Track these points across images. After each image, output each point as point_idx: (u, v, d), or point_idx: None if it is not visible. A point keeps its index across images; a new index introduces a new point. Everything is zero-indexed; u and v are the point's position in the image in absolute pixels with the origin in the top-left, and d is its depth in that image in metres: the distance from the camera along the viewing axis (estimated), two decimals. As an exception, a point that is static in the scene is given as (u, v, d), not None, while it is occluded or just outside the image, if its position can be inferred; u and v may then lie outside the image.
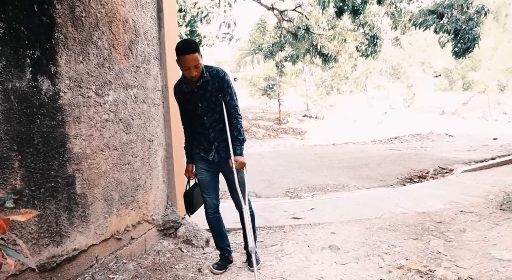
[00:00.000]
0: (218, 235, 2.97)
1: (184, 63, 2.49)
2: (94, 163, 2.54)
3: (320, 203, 4.98)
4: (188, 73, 2.52)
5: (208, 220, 2.93)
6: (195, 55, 2.47)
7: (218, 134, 2.74)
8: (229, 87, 2.68)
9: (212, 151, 2.76)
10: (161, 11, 3.31)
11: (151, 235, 3.19)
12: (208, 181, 2.85)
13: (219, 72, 2.66)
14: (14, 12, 1.96)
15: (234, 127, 2.69)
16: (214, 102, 2.67)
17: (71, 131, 2.35)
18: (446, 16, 8.70)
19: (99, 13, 2.59)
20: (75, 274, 2.36)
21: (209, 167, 2.83)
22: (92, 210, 2.51)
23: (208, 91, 2.64)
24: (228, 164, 2.73)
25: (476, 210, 4.33)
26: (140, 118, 3.04)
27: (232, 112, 2.69)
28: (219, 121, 2.72)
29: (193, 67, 2.49)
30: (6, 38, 1.92)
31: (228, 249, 3.00)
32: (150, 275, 2.63)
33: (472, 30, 8.51)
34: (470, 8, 8.59)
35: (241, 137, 2.72)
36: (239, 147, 2.70)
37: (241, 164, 2.69)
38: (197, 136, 2.79)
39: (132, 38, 2.96)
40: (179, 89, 2.72)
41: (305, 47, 13.92)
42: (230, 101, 2.69)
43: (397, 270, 2.94)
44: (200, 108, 2.66)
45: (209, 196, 2.87)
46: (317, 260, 3.13)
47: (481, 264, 2.99)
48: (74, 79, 2.38)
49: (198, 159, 2.85)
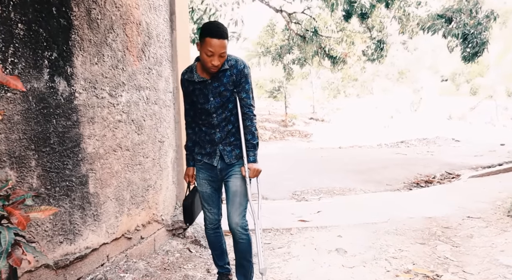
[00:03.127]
0: (218, 252, 2.63)
1: (209, 47, 2.10)
2: (107, 163, 2.58)
3: (326, 206, 5.00)
4: (209, 60, 2.13)
5: (207, 235, 2.60)
6: (224, 42, 2.12)
7: (225, 135, 2.37)
8: (247, 82, 2.32)
9: (216, 155, 2.38)
10: (173, 14, 3.36)
11: (160, 235, 3.22)
12: (210, 194, 2.48)
13: (238, 63, 2.27)
14: (34, 14, 2.01)
15: (248, 130, 2.34)
16: (228, 98, 2.31)
17: (86, 131, 2.39)
18: (454, 20, 8.69)
19: (114, 16, 2.64)
20: (87, 272, 2.40)
21: (212, 177, 2.45)
22: (104, 209, 2.55)
23: (223, 84, 2.28)
24: (232, 169, 2.40)
25: (483, 216, 4.32)
26: (151, 119, 3.08)
27: (246, 112, 2.34)
28: (228, 121, 2.36)
29: (218, 55, 2.12)
30: (25, 40, 1.96)
31: (228, 268, 2.67)
32: (160, 275, 2.66)
33: (481, 35, 8.50)
34: (479, 13, 8.58)
35: (255, 141, 2.37)
36: (252, 153, 2.35)
37: (256, 171, 2.35)
38: (201, 136, 2.43)
39: (145, 40, 3.01)
40: (189, 77, 2.34)
41: (313, 50, 13.95)
42: (245, 99, 2.33)
43: (404, 275, 2.95)
44: (211, 103, 2.30)
45: (209, 211, 2.51)
46: (324, 263, 3.15)
47: (489, 270, 2.99)
48: (89, 80, 2.42)
49: (199, 167, 2.48)
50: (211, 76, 2.26)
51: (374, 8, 10.39)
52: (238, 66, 2.26)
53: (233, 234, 2.38)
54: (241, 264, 2.45)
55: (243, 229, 2.35)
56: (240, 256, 2.44)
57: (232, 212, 2.36)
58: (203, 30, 2.14)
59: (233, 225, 2.35)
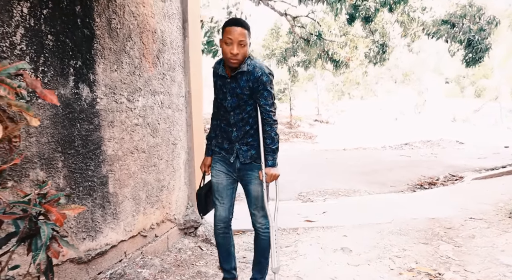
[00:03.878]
0: (225, 254, 2.61)
1: (228, 34, 2.16)
2: (125, 164, 2.72)
3: (332, 206, 5.12)
4: (229, 49, 2.17)
5: (216, 236, 2.58)
6: (243, 30, 2.16)
7: (242, 135, 2.41)
8: (265, 89, 2.31)
9: (233, 153, 2.44)
10: (186, 21, 3.50)
11: (173, 233, 3.36)
12: (225, 186, 2.50)
13: (256, 70, 2.28)
14: (61, 26, 2.16)
15: (268, 135, 2.36)
16: (245, 100, 2.34)
17: (106, 134, 2.54)
18: (457, 26, 8.80)
19: (131, 25, 2.79)
20: (106, 267, 2.54)
21: (228, 170, 2.49)
22: (122, 208, 2.69)
23: (240, 87, 2.31)
24: (249, 172, 2.45)
25: (485, 217, 4.43)
26: (165, 122, 3.22)
27: (265, 118, 2.35)
28: (246, 122, 2.39)
29: (236, 43, 2.16)
30: (54, 50, 2.11)
31: (234, 274, 2.65)
32: (174, 271, 2.80)
33: (484, 40, 8.60)
34: (482, 19, 8.68)
35: (274, 146, 2.39)
36: (271, 157, 2.37)
37: (273, 176, 2.39)
38: (221, 131, 2.50)
39: (160, 47, 3.15)
40: (216, 68, 2.42)
41: (317, 53, 14.08)
42: (264, 106, 2.33)
43: (408, 273, 3.07)
44: (228, 102, 2.35)
45: (221, 204, 2.51)
46: (331, 261, 3.28)
47: (489, 269, 3.10)
48: (109, 86, 2.57)
49: (217, 159, 2.52)
50: (231, 75, 2.31)
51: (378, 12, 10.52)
52: (256, 73, 2.27)
53: (257, 233, 2.53)
54: (259, 261, 2.57)
55: (266, 228, 2.48)
56: (259, 254, 2.56)
57: (255, 215, 2.49)
58: (224, 24, 2.23)
59: (257, 225, 2.50)
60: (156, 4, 3.07)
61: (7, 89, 1.38)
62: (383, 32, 12.23)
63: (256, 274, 2.60)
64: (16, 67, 1.42)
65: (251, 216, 2.52)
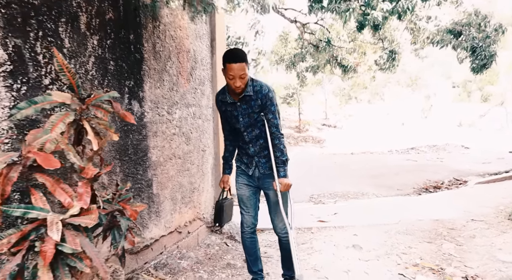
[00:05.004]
0: (252, 258, 2.83)
1: (229, 71, 2.40)
2: (165, 169, 3.12)
3: (342, 208, 5.49)
4: (233, 83, 2.43)
5: (243, 240, 2.81)
6: (242, 65, 2.38)
7: (258, 149, 2.65)
8: (272, 104, 2.55)
9: (252, 166, 2.69)
10: (214, 40, 3.90)
11: (201, 230, 3.75)
12: (248, 196, 2.73)
13: (263, 89, 2.52)
14: (119, 53, 2.56)
15: (277, 148, 2.57)
16: (256, 118, 2.58)
17: (151, 143, 2.94)
18: (464, 34, 9.11)
19: (171, 47, 3.19)
20: (151, 258, 2.94)
21: (249, 182, 2.73)
22: (163, 207, 3.09)
23: (251, 106, 2.54)
24: (268, 180, 2.67)
25: (486, 219, 4.77)
26: (196, 131, 3.62)
27: (274, 132, 2.57)
28: (259, 137, 2.63)
29: (238, 77, 2.40)
30: (114, 73, 2.52)
31: (261, 275, 2.88)
32: (207, 262, 3.19)
33: (489, 48, 8.91)
34: (487, 27, 8.99)
35: (284, 158, 2.59)
36: (282, 169, 2.57)
37: (286, 186, 2.57)
38: (239, 150, 2.76)
39: (192, 65, 3.55)
40: (223, 98, 2.63)
41: (325, 58, 14.45)
42: (272, 120, 2.56)
43: (413, 267, 3.43)
44: (241, 123, 2.58)
45: (247, 213, 2.74)
46: (343, 257, 3.65)
47: (487, 265, 3.45)
48: (153, 101, 2.97)
49: (239, 172, 2.78)
50: (240, 98, 2.53)
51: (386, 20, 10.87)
52: (263, 91, 2.51)
53: (278, 237, 2.77)
54: (286, 257, 2.78)
55: (286, 233, 2.67)
56: (284, 252, 2.79)
57: (275, 220, 2.72)
58: (224, 58, 2.45)
59: (278, 230, 2.74)
60: (190, 27, 3.47)
61: (103, 112, 1.79)
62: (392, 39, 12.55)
63: (286, 271, 2.87)
64: (108, 95, 1.83)
65: (272, 222, 2.74)
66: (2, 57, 1.79)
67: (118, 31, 2.55)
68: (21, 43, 1.87)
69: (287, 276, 2.89)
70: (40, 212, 1.57)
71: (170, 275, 2.80)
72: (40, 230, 1.57)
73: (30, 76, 1.93)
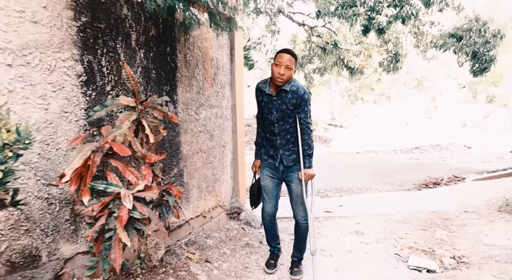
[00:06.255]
0: (272, 236, 3.25)
1: (278, 58, 2.68)
2: (193, 161, 3.63)
3: (347, 201, 5.97)
4: (277, 70, 2.68)
5: (264, 224, 3.22)
6: (292, 58, 2.69)
7: (285, 142, 2.90)
8: (306, 105, 2.82)
9: (278, 158, 2.95)
10: (233, 49, 4.41)
11: (222, 216, 4.26)
12: (271, 188, 3.02)
13: (299, 90, 2.78)
14: (159, 63, 3.08)
15: (305, 142, 2.88)
16: (288, 114, 2.83)
17: (182, 139, 3.45)
18: (465, 38, 9.55)
19: (198, 56, 3.70)
20: (182, 236, 3.46)
21: (273, 174, 3.01)
22: (191, 194, 3.60)
23: (285, 103, 2.79)
24: (291, 174, 2.94)
25: (478, 211, 5.23)
26: (218, 129, 4.13)
27: (304, 128, 2.86)
28: (288, 131, 2.88)
29: (284, 66, 2.67)
30: (155, 80, 3.03)
31: (278, 248, 3.31)
32: (228, 242, 3.70)
33: (489, 52, 9.34)
34: (487, 32, 9.42)
35: (311, 151, 2.91)
36: (308, 161, 2.90)
37: (310, 176, 2.91)
38: (266, 142, 3.01)
39: (215, 71, 4.06)
40: (262, 87, 2.88)
41: (332, 60, 14.92)
42: (304, 118, 2.85)
43: (408, 249, 3.91)
44: (274, 116, 2.84)
45: (268, 203, 3.06)
46: (346, 240, 4.14)
47: (473, 248, 3.93)
48: (184, 103, 3.48)
49: (264, 165, 3.05)
50: (277, 93, 2.80)
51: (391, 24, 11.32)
52: (299, 92, 2.78)
53: (297, 223, 3.11)
54: (299, 244, 3.17)
55: (305, 219, 3.06)
56: (299, 238, 3.16)
57: (296, 209, 3.04)
58: (277, 51, 2.78)
59: (298, 217, 3.07)
60: (213, 38, 3.98)
61: (158, 113, 2.31)
62: (396, 42, 13.00)
63: (296, 253, 3.22)
64: (162, 99, 2.35)
65: (293, 210, 3.06)
66: (80, 70, 2.31)
67: (158, 45, 3.07)
68: (92, 58, 2.40)
69: (296, 257, 3.27)
70: (116, 188, 2.09)
71: (199, 251, 3.32)
72: (116, 201, 2.09)
73: (98, 84, 2.45)
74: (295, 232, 3.20)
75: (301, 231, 3.14)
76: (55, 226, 2.19)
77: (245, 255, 3.49)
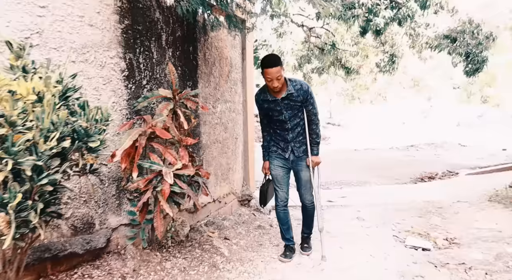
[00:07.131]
0: (285, 227, 3.35)
1: (267, 75, 2.85)
2: (211, 151, 3.99)
3: (347, 193, 6.36)
4: (271, 84, 2.89)
5: (278, 213, 3.33)
6: (277, 68, 2.82)
7: (295, 136, 3.15)
8: (311, 98, 3.07)
9: (288, 150, 3.19)
10: (244, 49, 4.77)
11: (234, 203, 4.62)
12: (282, 176, 3.24)
13: (303, 86, 3.02)
14: (184, 61, 3.44)
15: (313, 132, 3.16)
16: (298, 110, 3.07)
17: (202, 129, 3.81)
18: (458, 40, 9.96)
19: (215, 55, 4.06)
20: (201, 218, 3.81)
21: (284, 164, 3.23)
22: (209, 181, 3.96)
23: (293, 101, 3.00)
24: (300, 162, 3.19)
25: (470, 201, 5.61)
26: (231, 122, 4.49)
27: (312, 119, 3.12)
28: (298, 125, 3.13)
29: (275, 79, 2.85)
30: (180, 76, 3.39)
31: (292, 241, 3.40)
32: (242, 224, 4.06)
33: (481, 53, 9.76)
34: (480, 34, 9.84)
35: (318, 140, 3.19)
36: (316, 148, 3.19)
37: (317, 163, 3.22)
38: (275, 136, 3.22)
39: (229, 69, 4.42)
40: (264, 97, 3.07)
41: (330, 60, 15.31)
42: (312, 110, 3.10)
43: (404, 232, 4.29)
44: (285, 115, 3.06)
45: (281, 190, 3.26)
46: (349, 225, 4.51)
47: (464, 231, 4.31)
48: (204, 98, 3.84)
49: (274, 156, 3.24)
50: (282, 97, 3.00)
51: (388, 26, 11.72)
52: (304, 88, 3.02)
53: (304, 206, 3.39)
54: (307, 222, 3.47)
55: (311, 202, 3.35)
56: (307, 217, 3.47)
57: (304, 194, 3.32)
58: (261, 63, 2.89)
59: (305, 201, 3.35)
60: (228, 39, 4.34)
61: (191, 103, 2.66)
62: (393, 43, 13.42)
63: (306, 229, 3.52)
64: (194, 92, 2.71)
65: (300, 196, 3.33)
66: (123, 66, 2.67)
67: (183, 44, 3.43)
68: (132, 56, 2.75)
69: (306, 233, 3.61)
70: (158, 166, 2.45)
71: (217, 230, 3.67)
72: (158, 178, 2.44)
73: (136, 78, 2.81)
74: (303, 213, 3.49)
75: (308, 212, 3.44)
76: (104, 200, 2.55)
77: (258, 235, 3.85)
